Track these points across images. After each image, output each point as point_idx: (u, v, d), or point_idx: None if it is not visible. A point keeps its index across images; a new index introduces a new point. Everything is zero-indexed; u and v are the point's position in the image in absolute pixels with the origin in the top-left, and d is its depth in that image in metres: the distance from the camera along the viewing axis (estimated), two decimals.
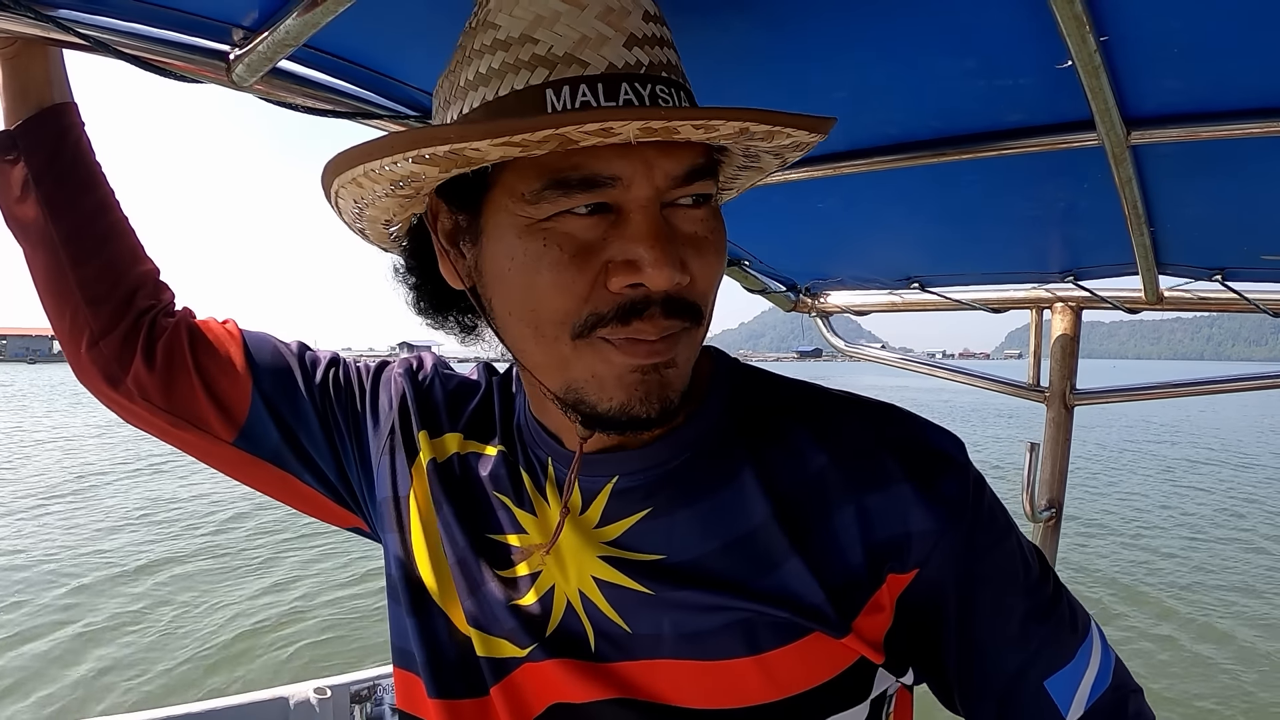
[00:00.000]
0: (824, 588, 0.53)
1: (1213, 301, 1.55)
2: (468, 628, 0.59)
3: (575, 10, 0.47)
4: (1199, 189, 1.04)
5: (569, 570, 0.58)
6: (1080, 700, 0.56)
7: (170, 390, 0.70)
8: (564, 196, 0.46)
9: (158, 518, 9.57)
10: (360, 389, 0.72)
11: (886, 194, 1.16)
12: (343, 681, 2.89)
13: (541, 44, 0.47)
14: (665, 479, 0.57)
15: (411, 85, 0.86)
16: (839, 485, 0.55)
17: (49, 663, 5.30)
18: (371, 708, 2.98)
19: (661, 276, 0.46)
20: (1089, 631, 0.59)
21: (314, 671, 4.92)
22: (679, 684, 0.54)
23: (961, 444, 0.57)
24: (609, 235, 0.48)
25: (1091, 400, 1.82)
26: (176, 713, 2.39)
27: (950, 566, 0.55)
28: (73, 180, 0.70)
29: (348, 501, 0.72)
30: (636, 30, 0.48)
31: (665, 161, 0.47)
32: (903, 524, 0.54)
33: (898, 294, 1.85)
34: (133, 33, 0.70)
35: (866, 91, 0.84)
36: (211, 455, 0.72)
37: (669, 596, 0.54)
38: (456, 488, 0.64)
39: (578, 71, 0.47)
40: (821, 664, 0.54)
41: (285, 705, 2.62)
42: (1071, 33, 0.60)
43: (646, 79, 0.47)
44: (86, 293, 0.70)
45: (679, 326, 0.50)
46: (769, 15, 0.68)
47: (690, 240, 0.50)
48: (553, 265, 0.48)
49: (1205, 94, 0.75)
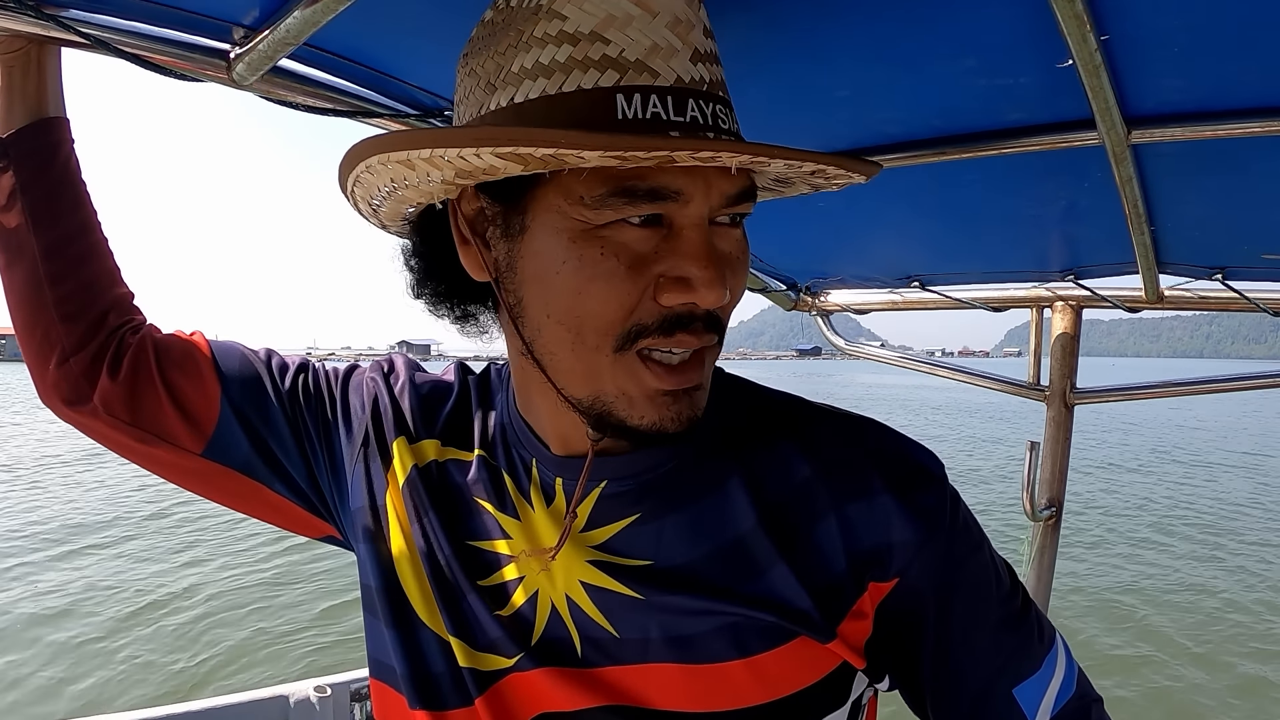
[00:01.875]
0: (810, 593, 0.54)
1: (1213, 301, 1.55)
2: (450, 637, 0.59)
3: (648, 16, 0.46)
4: (1199, 188, 1.04)
5: (555, 575, 0.57)
6: (1046, 708, 0.58)
7: (135, 404, 0.69)
8: (627, 205, 0.46)
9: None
10: (330, 395, 0.71)
11: (887, 193, 1.16)
12: (343, 680, 2.89)
13: (614, 45, 0.46)
14: (654, 485, 0.58)
15: (412, 84, 0.86)
16: (824, 495, 0.56)
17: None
18: (372, 705, 2.97)
19: (713, 295, 0.48)
20: (1054, 642, 0.60)
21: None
22: (667, 688, 0.54)
23: (939, 460, 0.59)
24: (660, 249, 0.48)
25: (1092, 399, 1.82)
26: (177, 711, 2.39)
27: (929, 576, 0.56)
28: (59, 195, 0.69)
29: (319, 509, 0.71)
30: (700, 45, 0.48)
31: (723, 183, 0.48)
32: (884, 534, 0.55)
33: (898, 293, 1.85)
34: (133, 31, 0.70)
35: (867, 90, 0.84)
36: (179, 470, 0.71)
37: (657, 601, 0.55)
38: (435, 494, 0.63)
39: (649, 80, 0.46)
40: (807, 667, 0.55)
41: (285, 703, 2.62)
42: (1072, 32, 0.60)
43: (708, 97, 0.48)
44: (61, 310, 0.69)
45: (713, 340, 0.52)
46: (770, 14, 0.68)
47: (727, 259, 0.51)
48: (608, 275, 0.48)
49: (1205, 93, 0.75)
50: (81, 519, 9.33)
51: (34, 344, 0.70)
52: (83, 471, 12.69)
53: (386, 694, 0.63)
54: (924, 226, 1.44)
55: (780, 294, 1.91)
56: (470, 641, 0.58)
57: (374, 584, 0.63)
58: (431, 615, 0.60)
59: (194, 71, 0.74)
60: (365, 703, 3.01)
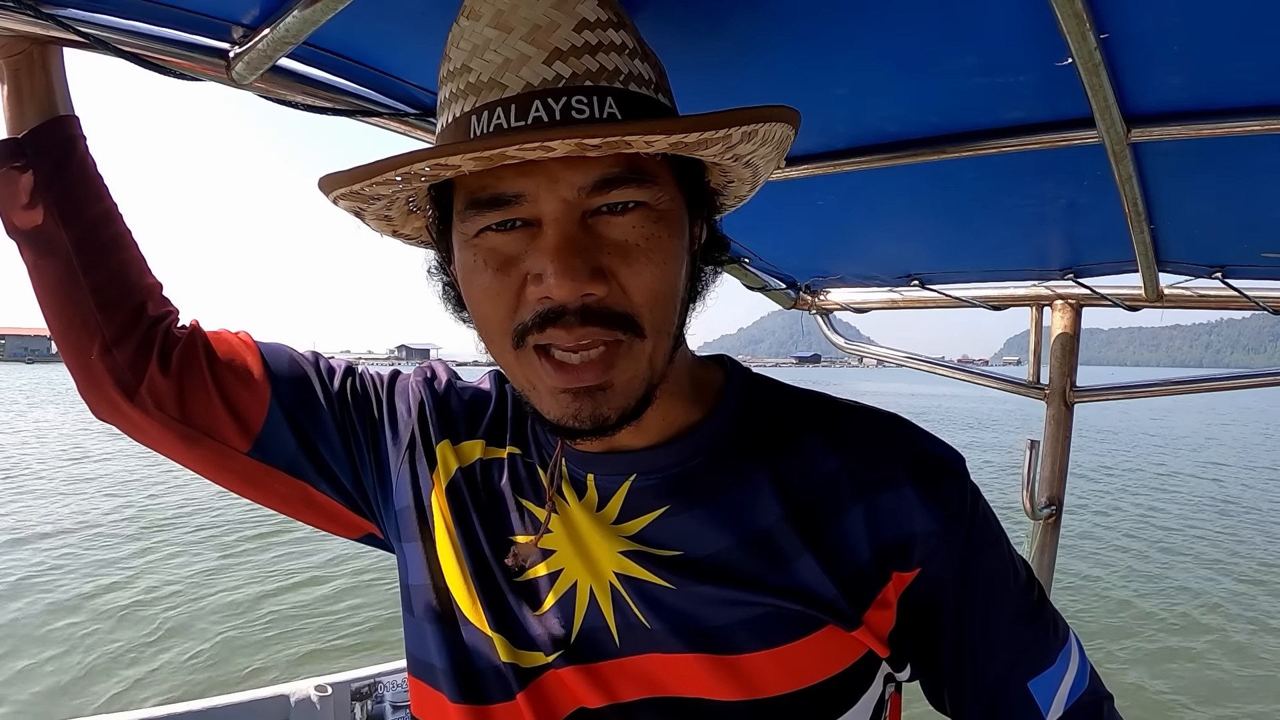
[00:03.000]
0: (836, 583, 0.56)
1: (1213, 299, 1.55)
2: (492, 633, 0.60)
3: (503, 35, 0.50)
4: (1199, 186, 1.04)
5: (592, 565, 0.59)
6: (1059, 701, 0.59)
7: (185, 401, 0.69)
8: (479, 215, 0.50)
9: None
10: (377, 398, 0.73)
11: (887, 191, 1.16)
12: (343, 679, 2.89)
13: (473, 72, 0.51)
14: (681, 479, 0.59)
15: (411, 83, 0.86)
16: (849, 488, 0.58)
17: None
18: (372, 705, 2.98)
19: (563, 289, 0.48)
20: (1068, 638, 0.62)
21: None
22: (700, 678, 0.55)
23: (960, 456, 0.61)
24: (528, 248, 0.51)
25: (1091, 398, 1.82)
26: (178, 710, 2.39)
27: (949, 566, 0.58)
28: (80, 188, 0.70)
29: (362, 509, 0.72)
30: (563, 43, 0.50)
31: (571, 174, 0.49)
32: (907, 525, 0.57)
33: (898, 291, 1.85)
34: (132, 30, 0.70)
35: (867, 89, 0.84)
36: (224, 469, 0.71)
37: (690, 591, 0.56)
38: (479, 494, 0.66)
39: (498, 95, 0.50)
40: (833, 656, 0.56)
41: (286, 703, 2.62)
42: (1071, 30, 0.60)
43: (563, 92, 0.49)
44: (99, 299, 0.69)
45: (605, 336, 0.50)
46: (771, 14, 0.68)
47: (617, 247, 0.50)
48: (480, 276, 0.52)
49: (1205, 91, 0.75)
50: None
51: (73, 336, 0.69)
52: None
53: (425, 691, 0.64)
54: (924, 225, 1.44)
55: (779, 292, 1.91)
56: (512, 637, 0.60)
57: (418, 582, 0.65)
58: (475, 612, 0.61)
59: (193, 71, 0.74)
60: (365, 702, 3.01)
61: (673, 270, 0.53)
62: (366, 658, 4.99)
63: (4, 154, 0.68)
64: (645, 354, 0.52)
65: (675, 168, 0.54)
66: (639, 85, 0.52)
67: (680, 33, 0.70)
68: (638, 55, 0.53)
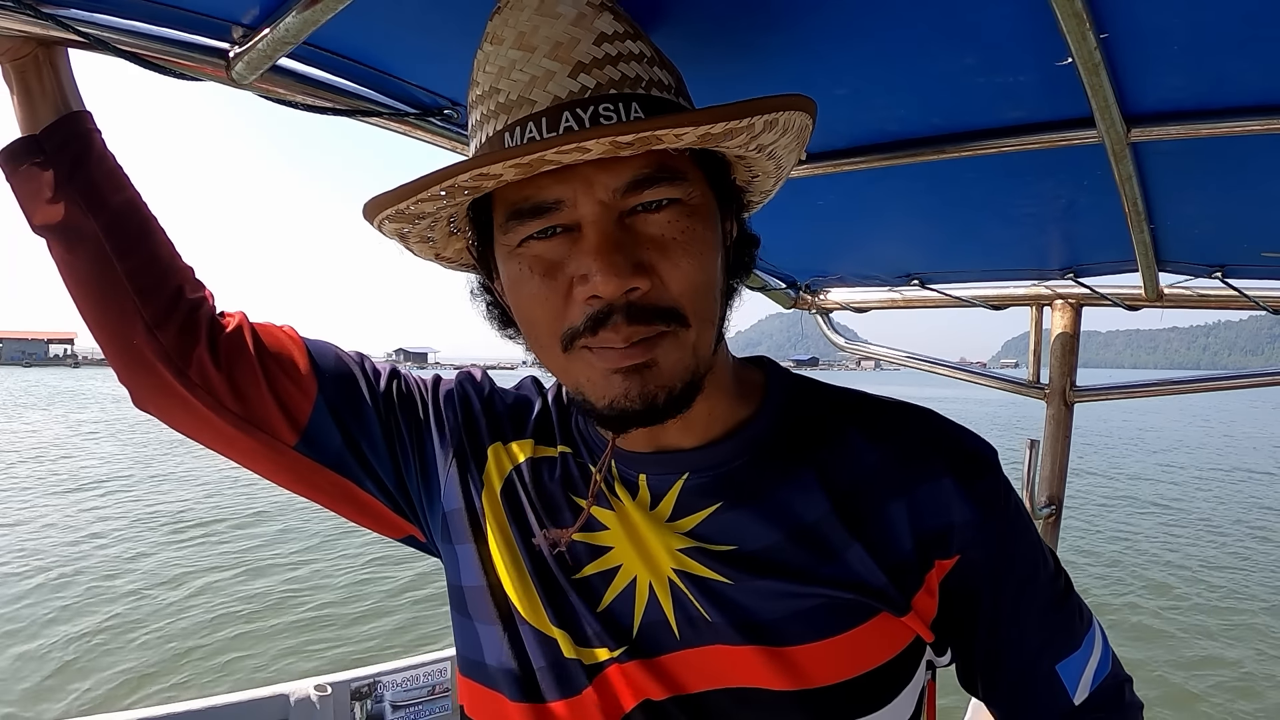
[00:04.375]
0: (884, 570, 0.58)
1: (1213, 299, 1.55)
2: (555, 630, 0.61)
3: (526, 55, 0.52)
4: (1199, 186, 1.04)
5: (650, 561, 0.61)
6: (1085, 684, 0.63)
7: (236, 386, 0.69)
8: (521, 225, 0.52)
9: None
10: (422, 400, 0.73)
11: (887, 191, 1.16)
12: (343, 679, 2.89)
13: (501, 92, 0.53)
14: (731, 476, 0.62)
15: (411, 83, 0.86)
16: (891, 481, 0.60)
17: None
18: (371, 704, 2.98)
19: (609, 285, 0.50)
20: (1092, 623, 0.66)
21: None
22: (759, 669, 0.57)
23: (994, 449, 0.64)
24: (571, 252, 0.52)
25: (1091, 398, 1.82)
26: (177, 710, 2.39)
27: (986, 554, 0.60)
28: (101, 178, 0.70)
29: (405, 511, 0.73)
30: (584, 56, 0.52)
31: (604, 176, 0.51)
32: (947, 515, 0.59)
33: (898, 291, 1.85)
34: (132, 30, 0.70)
35: (867, 89, 0.84)
36: (270, 463, 0.71)
37: (748, 585, 0.58)
38: (532, 493, 0.67)
39: (528, 111, 0.52)
40: (885, 644, 0.59)
41: (286, 702, 2.62)
42: (1071, 30, 0.60)
43: (590, 102, 0.52)
44: (134, 283, 0.68)
45: (653, 331, 0.52)
46: (771, 13, 0.68)
47: (655, 243, 0.52)
48: (528, 284, 0.54)
49: (1205, 91, 0.75)
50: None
51: (111, 323, 0.69)
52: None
53: (478, 691, 0.64)
54: (923, 224, 1.44)
55: (779, 292, 1.91)
56: (575, 634, 0.61)
57: (473, 583, 0.66)
58: (534, 611, 0.62)
59: (193, 70, 0.74)
60: (365, 701, 3.01)
61: (709, 261, 0.55)
62: (367, 657, 5.00)
63: (23, 151, 0.69)
64: (690, 341, 0.54)
65: (703, 165, 0.56)
66: (660, 90, 0.55)
67: (682, 36, 0.70)
68: (656, 63, 0.56)
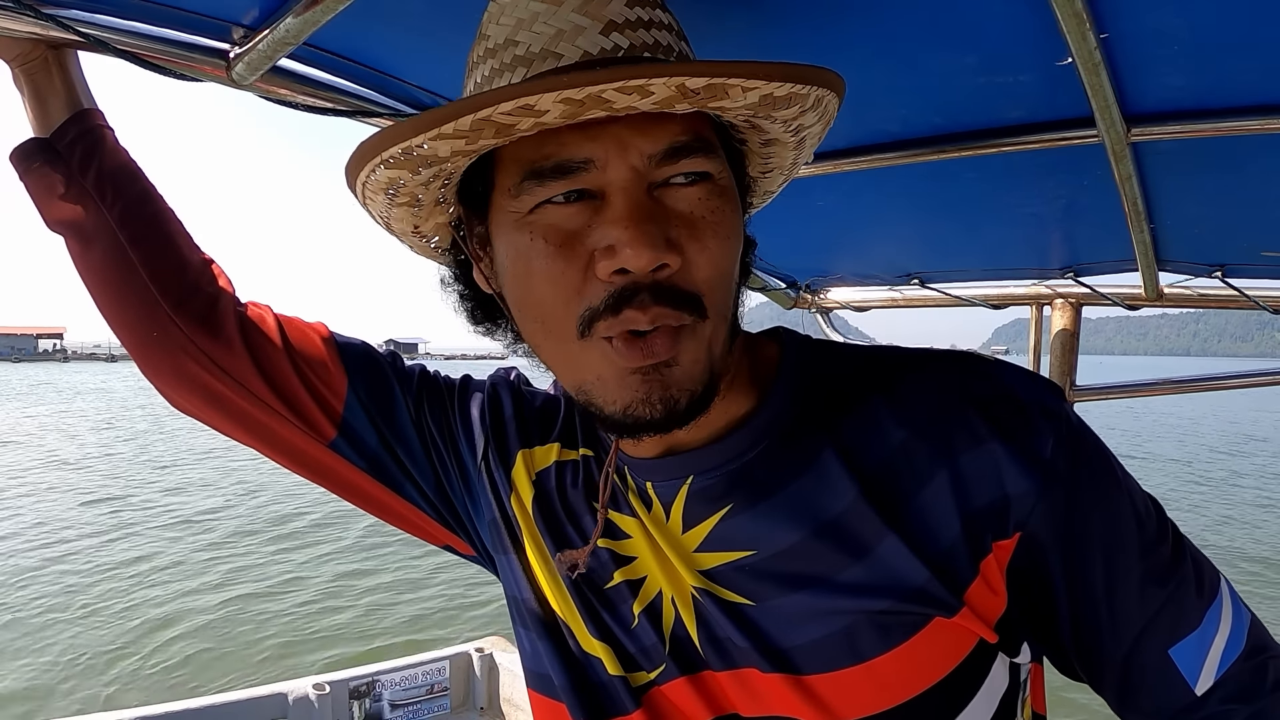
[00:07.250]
0: (925, 563, 0.50)
1: (1212, 298, 1.55)
2: (596, 645, 0.58)
3: (552, 8, 0.47)
4: (1199, 185, 1.04)
5: (672, 577, 0.57)
6: (1210, 669, 0.51)
7: (267, 377, 0.67)
8: (540, 186, 0.46)
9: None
10: (450, 403, 0.70)
11: (887, 191, 1.16)
12: (341, 677, 2.90)
13: (521, 44, 0.48)
14: (742, 472, 0.54)
15: (411, 83, 0.86)
16: (925, 453, 0.51)
17: None
18: (370, 703, 2.99)
19: (640, 257, 0.44)
20: (1218, 591, 0.52)
21: None
22: (790, 699, 0.52)
23: (1058, 390, 0.53)
24: (593, 222, 0.46)
25: (1092, 397, 1.82)
26: (177, 709, 2.40)
27: (1051, 527, 0.50)
28: (115, 172, 0.70)
29: (448, 519, 0.70)
30: (617, 16, 0.47)
31: (640, 140, 0.45)
32: (998, 486, 0.49)
33: (898, 290, 1.85)
34: (133, 31, 0.71)
35: (867, 88, 0.84)
36: (307, 460, 0.69)
37: (769, 606, 0.53)
38: (557, 499, 0.63)
39: (553, 64, 0.47)
40: (940, 656, 0.51)
41: (284, 701, 2.63)
42: (1072, 30, 0.60)
43: (623, 62, 0.47)
44: (151, 270, 0.68)
45: (675, 319, 0.46)
46: (771, 13, 0.68)
47: (684, 220, 0.47)
48: (540, 256, 0.47)
49: (1205, 91, 0.75)
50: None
51: (131, 313, 0.68)
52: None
53: (547, 704, 0.61)
54: (924, 224, 1.44)
55: (779, 292, 1.91)
56: (617, 650, 0.58)
57: (519, 595, 0.63)
58: (577, 625, 0.59)
59: (193, 71, 0.74)
60: (363, 700, 3.02)
61: (734, 247, 0.50)
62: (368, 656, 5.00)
63: (35, 150, 0.70)
64: (705, 337, 0.48)
65: (725, 148, 0.51)
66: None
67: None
68: (683, 38, 0.52)
